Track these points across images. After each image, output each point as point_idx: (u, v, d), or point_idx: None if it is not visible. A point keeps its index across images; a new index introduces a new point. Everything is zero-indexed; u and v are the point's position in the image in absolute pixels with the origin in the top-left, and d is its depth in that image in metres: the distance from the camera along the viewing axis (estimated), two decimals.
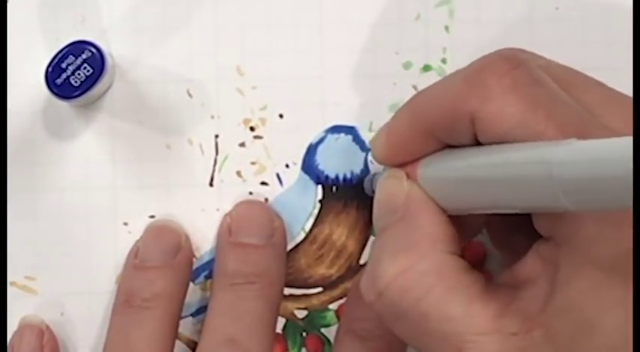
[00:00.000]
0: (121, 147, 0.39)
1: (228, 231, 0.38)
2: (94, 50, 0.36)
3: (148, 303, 0.37)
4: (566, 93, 0.29)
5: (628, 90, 0.32)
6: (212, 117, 0.39)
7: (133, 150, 0.39)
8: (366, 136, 0.39)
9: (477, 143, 0.30)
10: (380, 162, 0.34)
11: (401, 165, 0.33)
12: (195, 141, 0.39)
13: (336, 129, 0.39)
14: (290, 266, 0.39)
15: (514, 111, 0.28)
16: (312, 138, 0.39)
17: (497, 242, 0.35)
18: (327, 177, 0.39)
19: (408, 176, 0.32)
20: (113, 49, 0.39)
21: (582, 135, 0.26)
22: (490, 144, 0.29)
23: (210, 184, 0.39)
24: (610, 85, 0.32)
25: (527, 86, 0.28)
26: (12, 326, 0.38)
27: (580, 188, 0.24)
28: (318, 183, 0.39)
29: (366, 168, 0.39)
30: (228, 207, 0.39)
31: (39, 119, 0.39)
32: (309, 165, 0.39)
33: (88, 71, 0.36)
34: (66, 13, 0.39)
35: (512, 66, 0.29)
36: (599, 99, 0.30)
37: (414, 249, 0.30)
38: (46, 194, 0.39)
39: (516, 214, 0.29)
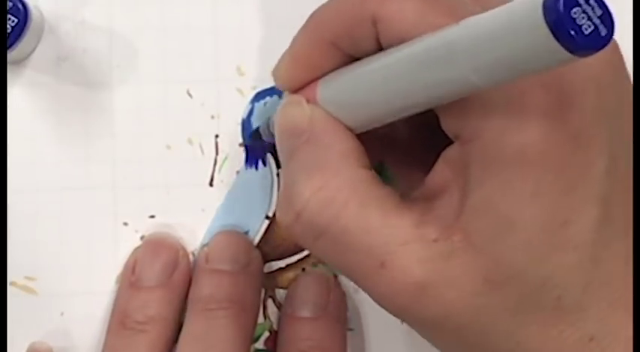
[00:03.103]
0: (121, 147, 0.39)
1: (205, 259, 0.38)
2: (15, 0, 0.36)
3: (141, 326, 0.37)
4: None
5: None
6: (212, 117, 0.39)
7: (133, 150, 0.39)
8: None
9: (380, 49, 0.29)
10: (283, 87, 0.33)
11: (300, 90, 0.32)
12: (195, 141, 0.39)
13: (259, 95, 0.39)
14: (275, 239, 0.39)
15: (414, 7, 0.28)
16: (242, 114, 0.39)
17: (401, 166, 0.35)
18: (271, 143, 0.39)
19: (308, 100, 0.31)
20: (114, 49, 0.39)
21: None
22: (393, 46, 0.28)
23: (210, 184, 0.39)
24: None
25: None
26: (12, 326, 0.38)
27: (487, 59, 0.24)
28: (265, 152, 0.39)
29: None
30: None
31: (39, 119, 0.39)
32: (250, 139, 0.39)
33: (13, 22, 0.36)
34: (68, 15, 0.39)
35: None
36: (500, 3, 0.30)
37: (326, 167, 0.29)
38: (46, 194, 0.39)
39: (423, 114, 0.28)
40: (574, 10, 0.22)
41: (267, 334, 0.39)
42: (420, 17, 0.28)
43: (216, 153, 0.39)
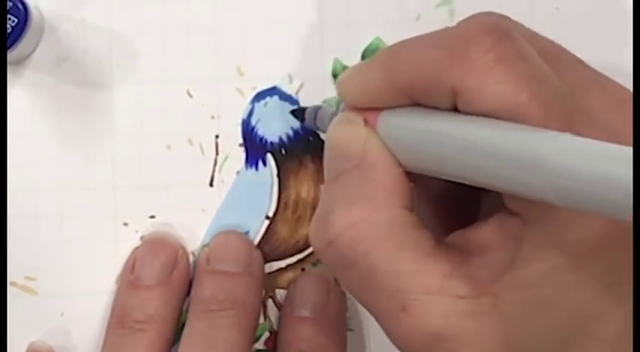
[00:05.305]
0: (121, 147, 0.39)
1: (206, 260, 0.38)
2: (16, 1, 0.36)
3: (140, 325, 0.37)
4: (550, 68, 0.28)
5: None
6: (212, 117, 0.39)
7: (133, 150, 0.39)
8: (290, 90, 0.39)
9: (455, 109, 0.28)
10: (346, 101, 0.31)
11: (362, 110, 0.31)
12: (195, 141, 0.39)
13: (259, 95, 0.39)
14: (275, 239, 0.39)
15: (497, 90, 0.26)
16: (243, 114, 0.39)
17: (434, 204, 0.33)
18: (271, 143, 0.39)
19: (366, 122, 0.30)
20: (114, 49, 0.39)
21: (566, 119, 0.25)
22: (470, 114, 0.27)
23: (210, 184, 0.39)
24: None
25: (511, 62, 0.27)
26: (12, 326, 0.38)
27: (571, 187, 0.23)
28: (266, 152, 0.39)
29: (302, 121, 0.38)
30: None
31: (39, 119, 0.39)
32: (250, 140, 0.39)
33: (13, 22, 0.36)
34: (68, 15, 0.39)
35: (497, 39, 0.27)
36: (584, 79, 0.29)
37: (368, 201, 0.29)
38: (46, 194, 0.39)
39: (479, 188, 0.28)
40: None
41: (267, 334, 0.39)
42: (503, 101, 0.26)
43: (217, 153, 0.39)
